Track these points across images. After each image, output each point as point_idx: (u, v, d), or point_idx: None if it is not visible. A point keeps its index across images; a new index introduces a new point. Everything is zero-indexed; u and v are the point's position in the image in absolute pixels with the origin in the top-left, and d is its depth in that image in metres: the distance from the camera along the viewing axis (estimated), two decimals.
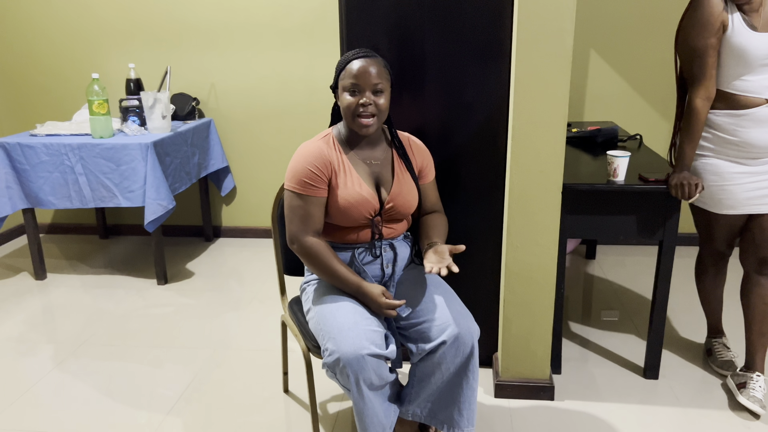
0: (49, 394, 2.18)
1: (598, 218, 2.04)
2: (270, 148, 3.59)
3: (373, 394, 1.58)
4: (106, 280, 3.15)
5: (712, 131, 1.94)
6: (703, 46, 1.84)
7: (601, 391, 2.14)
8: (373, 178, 1.71)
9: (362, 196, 1.66)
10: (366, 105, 1.60)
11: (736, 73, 1.86)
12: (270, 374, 2.29)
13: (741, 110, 1.87)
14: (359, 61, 1.60)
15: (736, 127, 1.88)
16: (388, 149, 1.75)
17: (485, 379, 2.22)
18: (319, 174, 1.64)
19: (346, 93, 1.62)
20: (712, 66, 1.86)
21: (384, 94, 1.63)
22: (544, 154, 1.86)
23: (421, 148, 1.80)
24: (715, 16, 1.82)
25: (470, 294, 2.20)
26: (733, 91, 1.88)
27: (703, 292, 2.25)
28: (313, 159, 1.64)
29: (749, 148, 1.89)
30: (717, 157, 1.94)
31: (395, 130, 1.75)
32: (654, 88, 3.28)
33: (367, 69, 1.59)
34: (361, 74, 1.59)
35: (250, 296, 2.95)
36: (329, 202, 1.67)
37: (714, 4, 1.82)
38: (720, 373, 2.22)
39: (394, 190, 1.70)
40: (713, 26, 1.82)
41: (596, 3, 3.18)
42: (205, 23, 3.40)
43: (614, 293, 2.91)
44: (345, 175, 1.66)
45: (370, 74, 1.59)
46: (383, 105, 1.62)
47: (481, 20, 1.92)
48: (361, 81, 1.59)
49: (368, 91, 1.60)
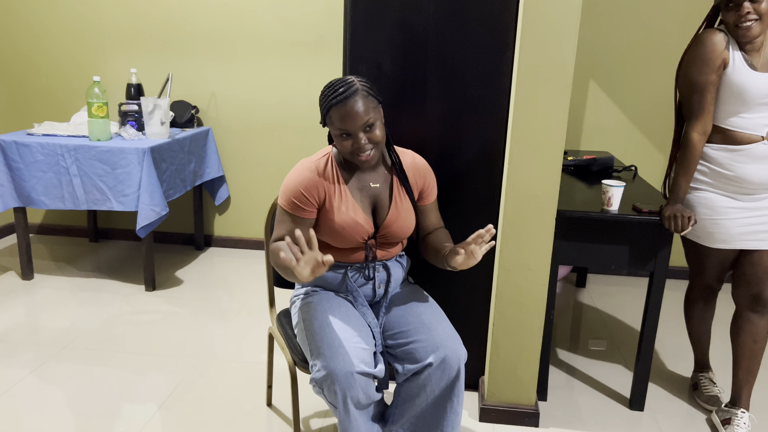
0: (26, 397, 2.15)
1: (591, 246, 2.04)
2: (266, 160, 3.59)
3: (359, 413, 1.56)
4: (94, 284, 3.12)
5: (707, 165, 1.95)
6: (703, 82, 1.87)
7: (586, 420, 2.12)
8: (370, 202, 1.69)
9: (356, 222, 1.64)
10: (361, 146, 1.56)
11: (734, 110, 1.88)
12: (254, 387, 2.26)
13: (737, 146, 1.89)
14: (341, 105, 1.52)
15: (732, 162, 1.90)
16: (389, 173, 1.73)
17: (470, 402, 2.21)
18: (309, 198, 1.63)
19: (337, 137, 1.57)
20: (711, 102, 1.88)
21: (376, 124, 1.56)
22: (540, 180, 1.87)
23: (423, 168, 1.77)
24: (717, 53, 1.84)
25: (459, 316, 2.20)
26: (730, 128, 1.90)
27: (692, 325, 2.25)
28: (306, 182, 1.62)
29: (744, 183, 1.90)
30: (711, 191, 1.96)
31: (394, 153, 1.71)
32: (651, 121, 3.32)
33: (351, 111, 1.51)
34: (348, 119, 1.52)
35: (238, 307, 2.92)
36: (322, 222, 1.66)
37: (717, 42, 1.85)
38: (705, 408, 2.22)
39: (391, 215, 1.69)
40: (714, 63, 1.85)
41: (598, 35, 3.23)
42: (209, 32, 3.43)
43: (603, 323, 2.91)
44: (340, 199, 1.65)
45: (357, 115, 1.52)
46: (379, 136, 1.57)
47: (484, 45, 1.94)
48: (349, 126, 1.53)
49: (359, 132, 1.55)
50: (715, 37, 1.85)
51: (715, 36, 1.85)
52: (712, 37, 1.85)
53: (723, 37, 1.85)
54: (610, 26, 3.21)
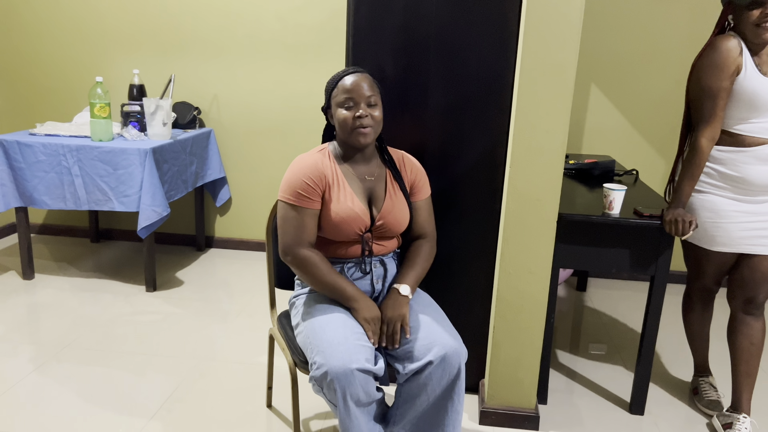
0: (27, 396, 2.15)
1: (592, 250, 2.05)
2: (268, 161, 3.60)
3: (360, 411, 1.56)
4: (95, 284, 3.13)
5: (712, 166, 1.95)
6: (716, 88, 1.86)
7: (586, 424, 2.12)
8: (366, 195, 1.73)
9: (354, 212, 1.67)
10: (362, 117, 1.63)
11: (745, 116, 1.88)
12: (254, 388, 2.26)
13: (744, 147, 1.90)
14: (351, 76, 1.65)
15: (737, 162, 1.90)
16: (383, 167, 1.77)
17: (471, 405, 2.21)
18: (314, 186, 1.65)
19: (341, 108, 1.65)
20: (722, 108, 1.87)
21: (377, 107, 1.67)
22: (542, 183, 1.87)
23: (414, 164, 1.82)
24: (731, 59, 1.84)
25: (460, 318, 2.20)
26: (739, 132, 1.90)
27: (690, 329, 2.25)
28: (308, 171, 1.66)
29: (747, 185, 1.91)
30: (715, 193, 1.96)
31: (386, 147, 1.78)
32: (652, 125, 3.32)
33: (359, 83, 1.63)
34: (355, 88, 1.63)
35: (239, 308, 2.92)
36: (322, 215, 1.68)
37: (731, 48, 1.84)
38: (706, 413, 2.21)
39: (386, 207, 1.71)
40: (729, 69, 1.84)
41: (599, 38, 3.24)
42: (211, 34, 3.43)
43: (603, 326, 2.91)
44: (338, 189, 1.68)
45: (363, 88, 1.63)
46: (378, 117, 1.66)
47: (486, 48, 1.94)
48: (355, 95, 1.63)
49: (362, 103, 1.63)
50: (729, 43, 1.85)
51: (729, 42, 1.85)
52: (726, 42, 1.85)
53: (737, 43, 1.85)
54: (611, 30, 3.22)
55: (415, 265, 1.77)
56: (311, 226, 1.67)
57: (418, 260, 1.78)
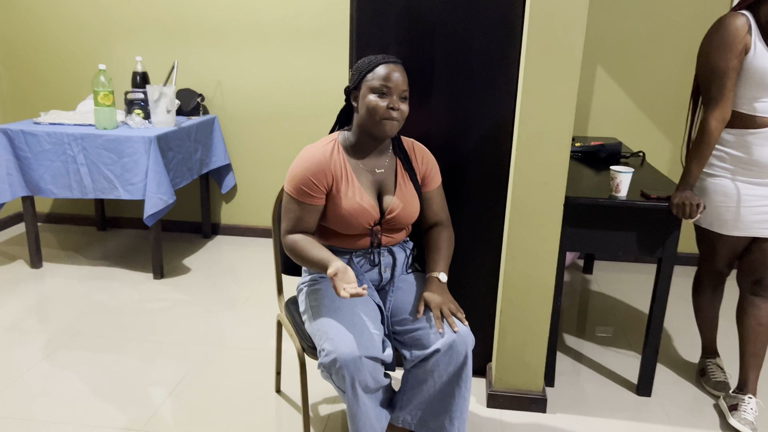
0: (39, 383, 2.17)
1: (599, 233, 2.04)
2: (273, 148, 3.59)
3: (367, 397, 1.57)
4: (102, 272, 3.14)
5: (725, 149, 1.93)
6: (724, 68, 1.83)
7: (593, 406, 2.13)
8: (376, 188, 1.70)
9: (362, 207, 1.65)
10: (395, 109, 1.60)
11: (755, 95, 1.85)
12: (263, 374, 2.28)
13: (756, 129, 1.88)
14: (390, 65, 1.60)
15: (749, 145, 1.88)
16: (393, 157, 1.75)
17: (478, 388, 2.22)
18: (317, 184, 1.63)
19: (373, 94, 1.60)
20: (731, 88, 1.84)
21: (407, 102, 1.64)
22: (548, 166, 1.86)
23: (425, 154, 1.79)
24: (739, 37, 1.80)
25: (467, 303, 2.20)
26: (749, 112, 1.88)
27: (700, 311, 2.25)
28: (314, 168, 1.63)
29: (760, 167, 1.89)
30: (727, 177, 1.94)
31: (400, 137, 1.75)
32: (658, 107, 3.29)
33: (398, 75, 1.60)
34: (393, 78, 1.59)
35: (246, 295, 2.94)
36: (329, 209, 1.67)
37: (739, 26, 1.80)
38: (713, 394, 2.22)
39: (396, 200, 1.70)
40: (737, 47, 1.81)
41: (606, 20, 3.20)
42: (214, 20, 3.41)
43: (610, 309, 2.91)
44: (347, 184, 1.65)
45: (400, 80, 1.60)
46: (406, 112, 1.64)
47: (491, 30, 1.92)
48: (392, 84, 1.59)
49: (396, 96, 1.60)
50: (737, 21, 1.81)
51: (737, 19, 1.81)
52: (734, 20, 1.81)
53: (745, 21, 1.81)
54: (618, 12, 3.18)
55: (441, 251, 1.77)
56: (310, 220, 1.67)
57: (443, 246, 1.78)
